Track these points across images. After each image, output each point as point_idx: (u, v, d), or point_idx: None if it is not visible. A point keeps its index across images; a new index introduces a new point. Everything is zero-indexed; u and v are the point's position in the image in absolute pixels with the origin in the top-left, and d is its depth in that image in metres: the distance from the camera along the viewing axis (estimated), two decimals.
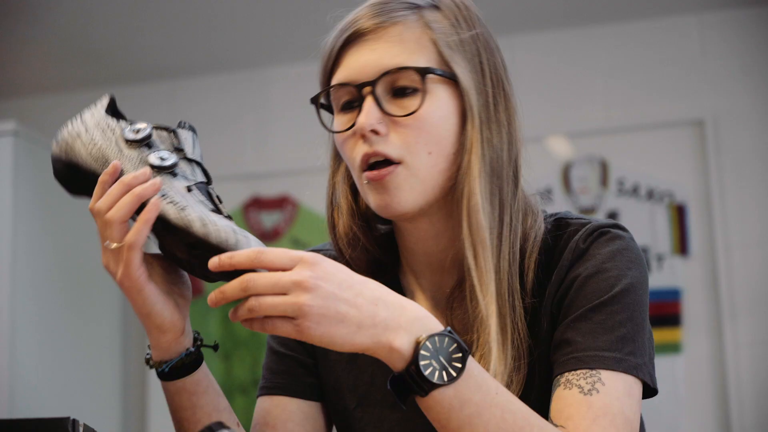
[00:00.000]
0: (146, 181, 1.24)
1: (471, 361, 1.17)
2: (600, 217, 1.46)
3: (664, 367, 3.89)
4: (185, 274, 1.35)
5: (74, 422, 1.20)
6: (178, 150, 1.32)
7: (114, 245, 1.25)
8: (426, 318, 1.18)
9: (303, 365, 1.53)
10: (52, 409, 3.64)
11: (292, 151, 4.37)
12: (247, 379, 4.38)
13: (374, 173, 1.34)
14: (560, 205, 4.09)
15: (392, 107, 1.35)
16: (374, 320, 1.14)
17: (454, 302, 1.39)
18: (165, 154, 1.29)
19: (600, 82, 4.23)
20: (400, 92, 1.35)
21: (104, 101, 1.38)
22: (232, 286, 1.14)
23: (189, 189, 1.27)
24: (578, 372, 1.28)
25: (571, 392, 1.27)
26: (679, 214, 4.04)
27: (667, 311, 3.97)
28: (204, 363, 1.40)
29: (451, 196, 1.37)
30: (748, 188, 4.02)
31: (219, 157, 4.61)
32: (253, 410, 1.54)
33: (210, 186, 1.32)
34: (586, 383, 1.26)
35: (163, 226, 1.23)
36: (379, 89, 1.35)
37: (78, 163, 1.32)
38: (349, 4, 1.44)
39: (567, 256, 1.37)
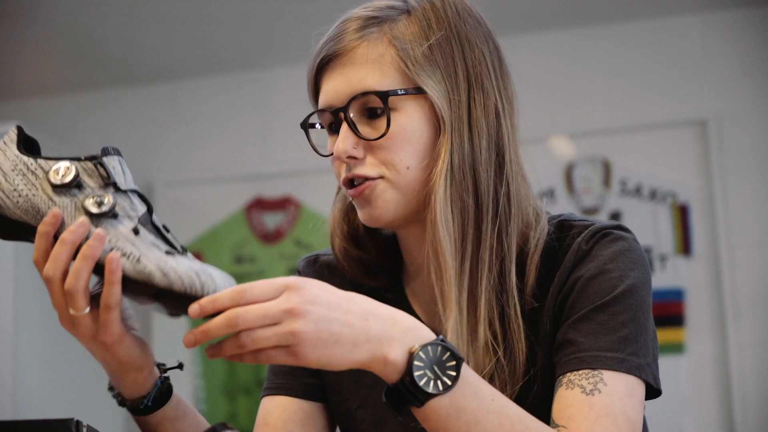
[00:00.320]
0: (86, 232, 1.17)
1: (465, 369, 1.16)
2: (603, 218, 1.46)
3: (667, 367, 3.87)
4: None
5: (78, 423, 1.20)
6: (109, 184, 1.21)
7: (83, 311, 1.20)
8: (418, 328, 1.16)
9: (304, 366, 1.53)
10: (55, 410, 3.64)
11: (295, 151, 4.31)
12: (250, 380, 4.38)
13: (353, 190, 1.37)
14: (563, 206, 4.09)
15: (366, 129, 1.36)
16: (368, 335, 1.13)
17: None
18: (100, 195, 1.19)
19: (602, 82, 4.23)
20: (371, 114, 1.36)
21: (12, 136, 1.24)
22: (217, 324, 1.10)
23: (136, 231, 1.18)
24: (580, 372, 1.27)
25: (573, 392, 1.26)
26: (682, 214, 4.04)
27: (670, 311, 3.97)
28: (174, 388, 1.39)
29: None
30: (750, 188, 4.02)
31: (221, 159, 4.61)
32: (257, 411, 1.54)
33: (153, 215, 1.23)
34: (588, 383, 1.26)
35: (122, 281, 1.16)
36: (353, 113, 1.36)
37: (6, 215, 1.22)
38: (348, 6, 1.44)
39: (569, 257, 1.36)
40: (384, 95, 1.33)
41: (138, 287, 1.16)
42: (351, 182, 1.37)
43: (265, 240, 4.53)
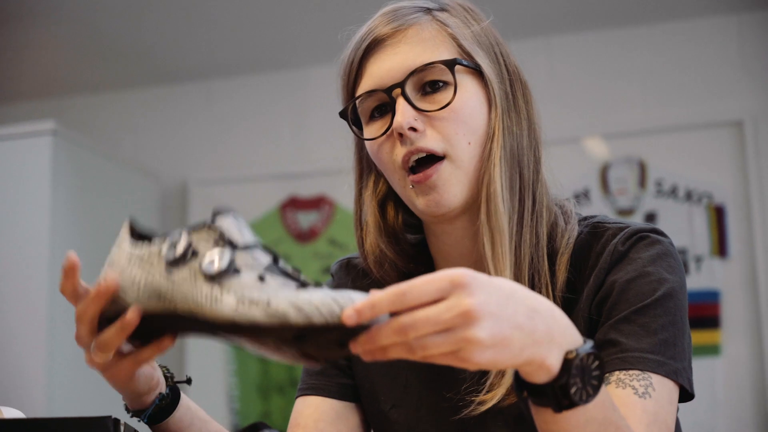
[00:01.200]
0: (109, 291, 1.13)
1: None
2: (638, 220, 1.46)
3: (702, 369, 3.86)
4: None
5: (115, 421, 1.20)
6: (226, 243, 1.11)
7: (104, 360, 1.20)
8: (570, 326, 1.08)
9: (337, 366, 1.53)
10: (88, 408, 3.66)
11: (329, 150, 4.37)
12: (284, 379, 4.38)
13: (420, 175, 1.36)
14: (598, 207, 4.08)
15: (424, 104, 1.36)
16: (534, 338, 1.02)
17: None
18: (215, 255, 1.10)
19: (638, 82, 4.21)
20: (430, 88, 1.37)
21: (124, 231, 1.19)
22: (386, 334, 0.98)
23: (261, 278, 1.07)
24: (630, 372, 1.27)
25: (626, 392, 1.26)
26: (718, 215, 4.01)
27: (705, 313, 3.95)
28: (183, 396, 1.39)
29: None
30: None
31: (256, 157, 4.63)
32: (290, 410, 1.54)
33: (280, 263, 1.11)
34: (640, 385, 1.26)
35: (257, 333, 1.04)
36: (408, 89, 1.36)
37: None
38: (383, 6, 1.45)
39: (606, 258, 1.37)
40: (451, 63, 1.35)
41: (276, 334, 1.03)
42: (411, 168, 1.36)
43: (299, 239, 4.54)
